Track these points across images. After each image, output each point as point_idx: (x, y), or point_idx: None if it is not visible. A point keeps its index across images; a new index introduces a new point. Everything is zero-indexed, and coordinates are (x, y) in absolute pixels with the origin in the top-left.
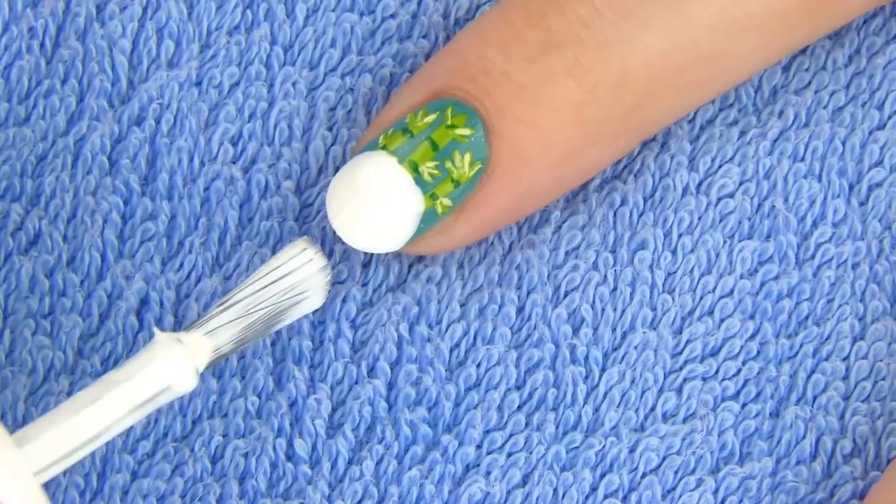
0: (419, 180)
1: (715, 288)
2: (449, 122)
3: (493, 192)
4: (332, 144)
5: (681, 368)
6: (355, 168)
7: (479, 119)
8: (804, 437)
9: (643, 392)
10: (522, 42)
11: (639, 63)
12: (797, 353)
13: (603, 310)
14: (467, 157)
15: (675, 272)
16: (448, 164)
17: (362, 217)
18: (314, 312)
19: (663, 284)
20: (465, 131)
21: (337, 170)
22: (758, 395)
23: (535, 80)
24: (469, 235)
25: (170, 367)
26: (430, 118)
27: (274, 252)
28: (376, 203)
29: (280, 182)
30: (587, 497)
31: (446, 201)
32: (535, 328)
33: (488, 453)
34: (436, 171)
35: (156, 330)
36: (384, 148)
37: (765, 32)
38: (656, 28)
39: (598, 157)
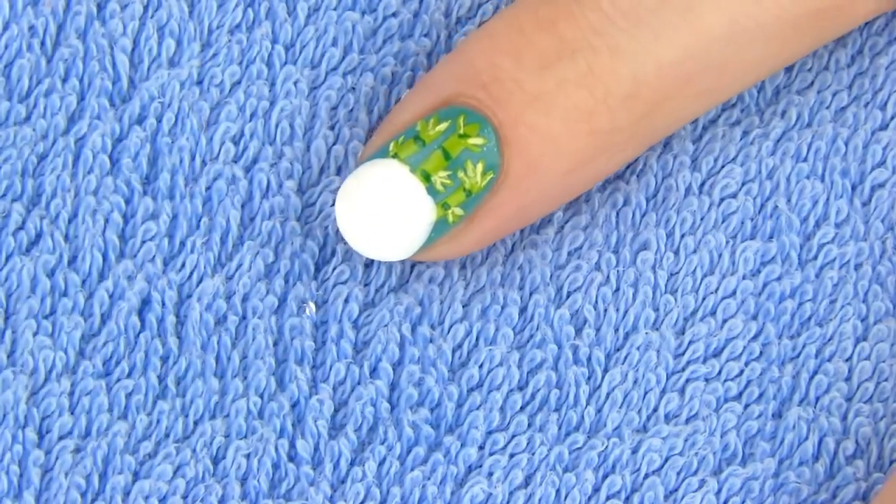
0: (431, 190)
1: (717, 288)
2: (461, 131)
3: (504, 201)
4: (335, 144)
5: (683, 369)
6: (367, 176)
7: (491, 128)
8: (807, 438)
9: (646, 393)
10: (534, 49)
11: (650, 72)
12: (800, 353)
13: (605, 310)
14: (479, 166)
15: (677, 273)
16: (461, 174)
17: (374, 226)
18: (316, 312)
19: (666, 285)
20: (478, 140)
21: (339, 169)
22: (760, 395)
23: (547, 88)
24: (477, 243)
25: None
26: (442, 126)
27: (275, 254)
28: (388, 212)
29: (282, 181)
30: (589, 498)
31: (458, 210)
32: (537, 329)
33: (491, 454)
34: (448, 181)
35: None
36: (395, 156)
37: (775, 41)
38: (668, 37)
39: (606, 165)
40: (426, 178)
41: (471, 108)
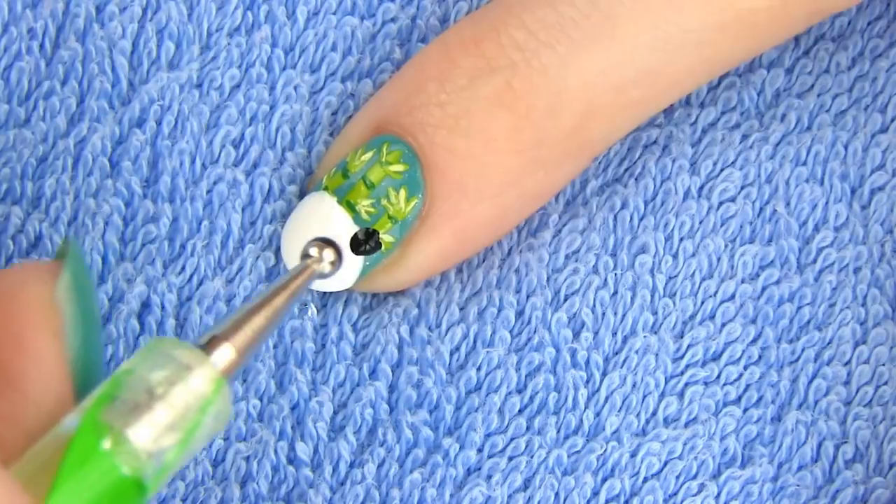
0: (358, 219)
1: (716, 292)
2: (384, 159)
3: (436, 226)
4: None
5: (682, 373)
6: (300, 210)
7: (414, 154)
8: (806, 441)
9: (644, 396)
10: (457, 71)
11: (574, 85)
12: (799, 357)
13: (603, 314)
14: (402, 193)
15: (676, 276)
16: (384, 202)
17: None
18: (318, 315)
19: (664, 288)
20: (399, 167)
21: None
22: (759, 399)
23: (467, 109)
24: (423, 268)
25: None
26: (367, 156)
27: (276, 256)
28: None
29: (284, 186)
30: (589, 501)
31: (387, 237)
32: (535, 332)
33: (490, 457)
34: (372, 209)
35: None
36: (326, 189)
37: (706, 46)
38: (590, 49)
39: (544, 182)
40: (351, 208)
41: (395, 135)
